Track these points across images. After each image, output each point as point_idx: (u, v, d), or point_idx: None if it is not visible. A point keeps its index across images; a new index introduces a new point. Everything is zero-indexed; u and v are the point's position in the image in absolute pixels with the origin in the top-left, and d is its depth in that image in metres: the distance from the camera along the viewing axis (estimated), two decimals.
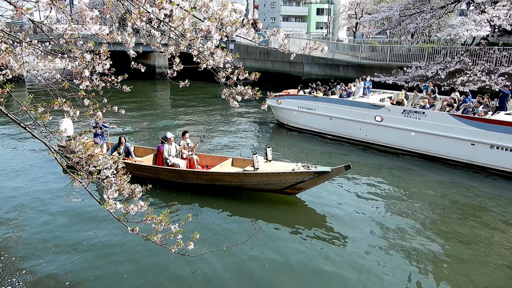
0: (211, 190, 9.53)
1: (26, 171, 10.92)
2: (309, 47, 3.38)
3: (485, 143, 11.18)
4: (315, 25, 65.53)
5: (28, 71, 3.69)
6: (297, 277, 6.26)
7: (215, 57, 3.44)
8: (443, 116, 11.97)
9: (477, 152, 11.42)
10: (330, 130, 15.23)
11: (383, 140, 13.63)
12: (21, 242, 7.20)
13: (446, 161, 12.17)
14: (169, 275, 6.27)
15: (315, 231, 7.81)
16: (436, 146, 12.28)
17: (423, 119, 12.34)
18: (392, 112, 13.12)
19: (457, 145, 11.75)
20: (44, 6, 3.41)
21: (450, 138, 11.82)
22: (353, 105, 14.22)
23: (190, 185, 9.67)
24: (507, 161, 10.90)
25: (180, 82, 4.28)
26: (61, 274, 6.23)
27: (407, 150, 13.06)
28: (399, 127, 12.94)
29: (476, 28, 16.69)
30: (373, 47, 23.51)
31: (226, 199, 9.21)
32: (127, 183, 3.67)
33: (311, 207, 8.97)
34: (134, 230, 3.71)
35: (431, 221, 8.29)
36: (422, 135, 12.44)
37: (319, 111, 15.24)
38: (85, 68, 3.64)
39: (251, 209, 8.80)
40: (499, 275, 6.43)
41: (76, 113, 3.83)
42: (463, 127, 11.50)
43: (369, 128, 13.81)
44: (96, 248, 7.01)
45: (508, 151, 10.82)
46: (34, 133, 3.69)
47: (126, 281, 6.14)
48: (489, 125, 11.03)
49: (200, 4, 3.17)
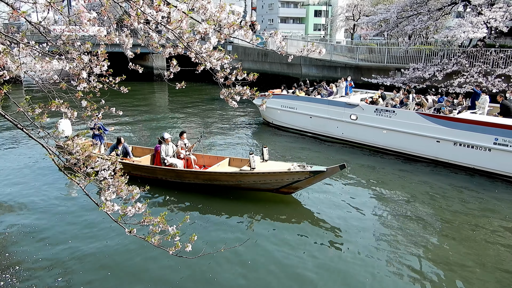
0: (208, 190, 9.56)
1: (23, 172, 10.88)
2: (306, 49, 3.38)
3: (449, 140, 11.67)
4: (313, 27, 65.66)
5: (25, 72, 3.68)
6: (294, 276, 6.26)
7: (213, 59, 3.45)
8: (411, 114, 12.50)
9: (442, 149, 11.91)
10: (310, 128, 15.82)
11: (358, 138, 14.18)
12: (17, 243, 7.16)
13: (415, 157, 12.63)
14: (167, 276, 6.25)
15: (311, 230, 7.86)
16: (405, 143, 12.79)
17: (393, 117, 12.91)
18: (365, 111, 13.67)
19: (424, 143, 12.24)
20: (41, 7, 3.41)
21: (417, 135, 12.33)
22: (330, 104, 14.82)
23: (187, 185, 9.70)
24: (469, 157, 11.36)
25: (177, 84, 4.27)
26: (57, 276, 6.20)
27: (380, 148, 13.57)
28: (372, 125, 13.49)
29: (473, 30, 16.76)
30: (370, 49, 23.58)
31: (223, 199, 9.24)
32: (124, 185, 3.66)
33: (306, 207, 9.01)
34: (132, 232, 3.70)
35: (407, 214, 8.56)
36: (392, 133, 12.98)
37: (300, 110, 15.81)
38: (83, 70, 3.64)
39: (249, 209, 8.82)
40: (459, 251, 7.00)
41: (73, 114, 3.82)
42: (429, 125, 12.00)
43: (345, 126, 14.38)
44: (93, 250, 6.98)
45: (469, 147, 11.29)
46: (32, 134, 3.68)
47: (124, 282, 6.12)
48: (452, 123, 11.53)
49: (198, 6, 3.17)
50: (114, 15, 3.68)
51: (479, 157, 11.12)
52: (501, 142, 10.61)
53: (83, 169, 3.60)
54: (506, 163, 10.67)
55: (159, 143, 10.15)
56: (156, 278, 6.22)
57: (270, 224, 8.15)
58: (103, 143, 11.36)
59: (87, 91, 3.87)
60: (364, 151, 13.74)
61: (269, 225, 8.08)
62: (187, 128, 16.81)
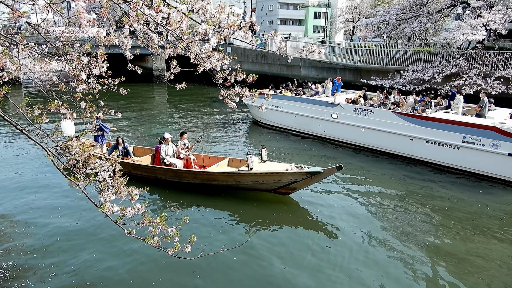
0: (207, 190, 9.59)
1: (22, 173, 10.86)
2: (306, 49, 3.39)
3: (421, 138, 12.05)
4: (313, 29, 65.78)
5: (24, 74, 3.68)
6: (294, 276, 6.25)
7: (213, 60, 3.45)
8: (387, 113, 12.91)
9: (415, 146, 12.31)
10: (295, 126, 16.32)
11: (338, 136, 14.67)
12: (16, 243, 7.14)
13: (391, 155, 13.07)
14: (166, 277, 6.24)
15: (309, 230, 7.91)
16: (381, 141, 13.23)
17: (371, 116, 13.34)
18: (345, 110, 14.11)
19: (399, 140, 12.66)
20: (41, 8, 3.41)
21: (393, 134, 12.76)
22: (313, 103, 15.31)
23: (187, 185, 9.73)
24: (440, 154, 11.76)
25: (177, 84, 4.27)
26: (55, 278, 6.19)
27: (359, 145, 14.00)
28: (351, 123, 13.92)
29: (472, 32, 16.80)
30: (370, 51, 23.60)
31: (223, 200, 9.26)
32: (124, 186, 3.66)
33: (304, 207, 9.06)
34: (131, 233, 3.70)
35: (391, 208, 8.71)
36: (370, 131, 13.40)
37: (286, 109, 16.28)
38: (82, 71, 3.64)
39: (247, 209, 8.86)
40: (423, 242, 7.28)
41: (73, 115, 3.82)
42: (403, 124, 12.44)
43: (327, 124, 14.85)
44: (93, 251, 6.97)
45: (440, 145, 11.69)
46: (31, 135, 3.67)
47: (122, 284, 6.10)
48: (424, 122, 11.94)
49: (197, 7, 3.18)
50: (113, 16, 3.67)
51: (448, 154, 11.55)
52: (469, 140, 11.03)
53: (83, 170, 3.60)
54: (473, 160, 11.11)
55: (160, 143, 10.23)
56: (155, 279, 6.20)
57: (268, 224, 8.17)
58: (105, 142, 11.41)
59: (86, 92, 3.87)
60: (344, 149, 14.17)
61: (267, 226, 8.10)
62: (187, 128, 16.84)
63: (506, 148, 10.38)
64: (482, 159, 10.90)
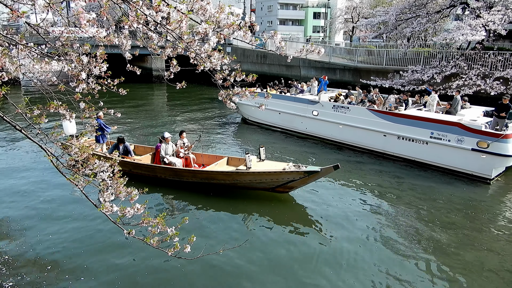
0: (207, 189, 9.61)
1: (22, 174, 10.85)
2: (305, 49, 3.39)
3: (393, 134, 12.55)
4: (312, 29, 65.79)
5: (24, 74, 3.68)
6: (293, 275, 6.25)
7: (212, 59, 3.45)
8: (363, 110, 13.33)
9: (388, 142, 12.80)
10: (280, 124, 16.87)
11: (319, 132, 15.18)
12: (14, 243, 7.14)
13: (366, 150, 13.53)
14: (166, 278, 6.23)
15: (307, 228, 7.98)
16: (358, 137, 13.69)
17: (347, 113, 13.82)
18: (325, 107, 14.62)
19: (373, 137, 13.13)
20: (40, 8, 3.40)
21: (367, 130, 13.20)
22: (296, 101, 15.83)
23: (186, 184, 9.76)
24: (410, 150, 12.27)
25: (177, 84, 4.27)
26: (53, 278, 6.17)
27: (337, 141, 14.51)
28: (330, 120, 14.44)
29: (472, 32, 16.81)
30: (369, 51, 23.60)
31: (222, 199, 9.29)
32: (123, 186, 3.65)
33: (301, 205, 9.10)
34: (131, 233, 3.69)
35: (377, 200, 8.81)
36: (347, 127, 13.89)
37: (271, 107, 16.62)
38: (82, 71, 3.63)
39: (246, 208, 8.89)
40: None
41: (72, 115, 3.81)
42: (377, 121, 12.90)
43: (308, 121, 15.36)
44: (92, 251, 6.96)
45: (410, 141, 12.18)
46: (30, 135, 3.67)
47: (122, 284, 6.10)
48: (396, 118, 12.44)
49: (197, 7, 3.18)
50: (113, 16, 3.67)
51: (418, 150, 12.04)
52: (436, 136, 11.54)
53: (82, 170, 3.59)
54: (439, 155, 11.58)
55: (160, 142, 10.27)
56: (154, 279, 6.19)
57: (267, 223, 8.20)
58: (106, 141, 11.43)
59: (86, 92, 3.86)
60: (324, 145, 14.60)
61: (266, 224, 8.13)
62: (186, 127, 16.87)
63: (469, 143, 10.86)
64: (448, 154, 11.38)
